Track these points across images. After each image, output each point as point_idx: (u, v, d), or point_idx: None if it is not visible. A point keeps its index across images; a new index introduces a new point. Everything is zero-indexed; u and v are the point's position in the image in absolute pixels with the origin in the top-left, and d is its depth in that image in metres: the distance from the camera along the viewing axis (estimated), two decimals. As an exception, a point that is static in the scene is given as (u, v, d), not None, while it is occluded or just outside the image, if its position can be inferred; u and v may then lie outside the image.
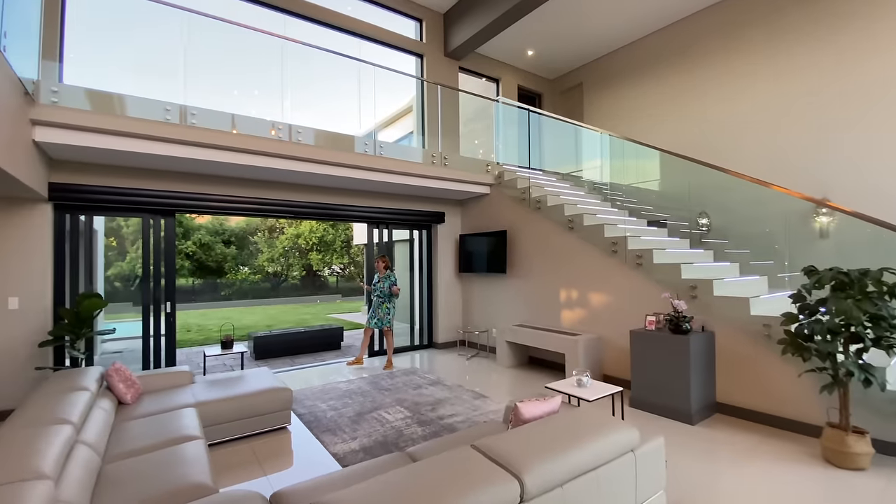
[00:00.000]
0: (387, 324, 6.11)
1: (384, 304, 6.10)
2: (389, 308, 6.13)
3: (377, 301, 6.13)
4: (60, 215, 4.58)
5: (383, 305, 6.10)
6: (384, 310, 6.10)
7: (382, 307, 6.10)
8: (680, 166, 5.86)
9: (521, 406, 2.40)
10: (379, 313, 6.11)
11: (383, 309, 6.10)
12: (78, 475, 2.13)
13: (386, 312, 6.10)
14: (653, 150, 6.16)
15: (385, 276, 6.17)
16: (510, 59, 8.83)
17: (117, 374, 3.56)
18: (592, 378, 4.93)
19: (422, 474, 1.76)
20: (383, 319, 6.10)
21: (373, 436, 3.70)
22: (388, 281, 6.14)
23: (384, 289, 6.12)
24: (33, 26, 3.65)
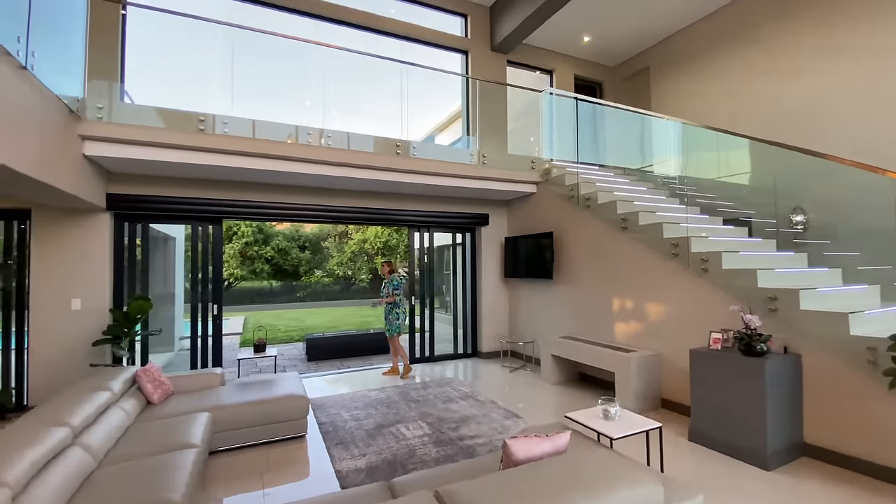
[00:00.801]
0: (396, 330, 5.88)
1: (393, 309, 5.89)
2: (398, 314, 5.89)
3: (387, 307, 5.94)
4: (119, 223, 4.97)
5: (392, 311, 5.89)
6: (394, 315, 5.88)
7: (392, 313, 5.89)
8: (769, 154, 4.92)
9: (514, 444, 1.98)
10: (389, 319, 5.90)
11: (392, 314, 5.89)
12: (54, 482, 2.13)
13: (395, 318, 5.88)
14: (736, 138, 5.24)
15: (388, 282, 5.96)
16: (564, 47, 8.19)
17: (146, 374, 3.71)
18: (649, 403, 4.27)
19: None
20: (392, 325, 5.88)
21: (383, 454, 3.45)
22: (391, 286, 5.92)
23: (390, 293, 5.92)
24: (78, 48, 3.97)
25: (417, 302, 6.72)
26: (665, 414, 4.28)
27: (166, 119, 4.54)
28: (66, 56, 3.70)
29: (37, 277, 4.48)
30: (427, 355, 6.72)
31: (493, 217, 7.02)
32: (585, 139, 6.88)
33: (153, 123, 4.45)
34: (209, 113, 4.58)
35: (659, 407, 4.45)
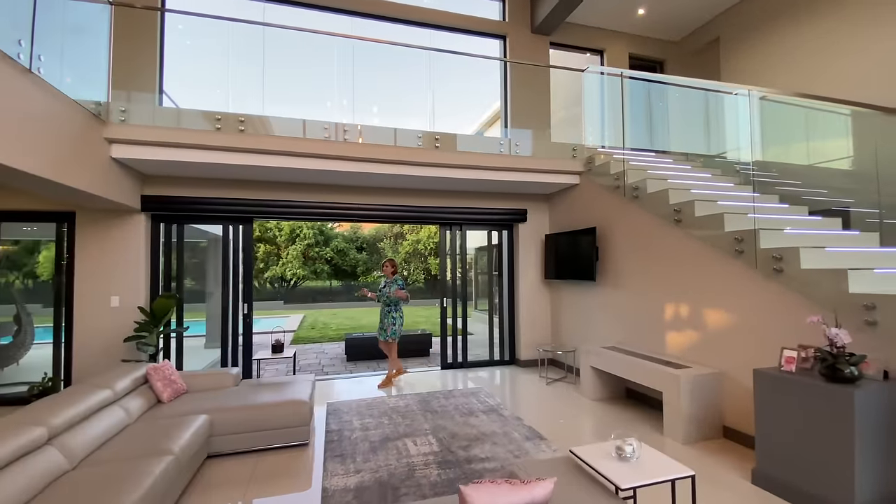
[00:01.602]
0: (392, 335, 5.51)
1: (391, 313, 5.53)
2: (395, 318, 5.54)
3: (384, 310, 5.58)
4: (155, 224, 5.17)
5: (390, 315, 5.53)
6: (390, 319, 5.52)
7: (389, 316, 5.53)
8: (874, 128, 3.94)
9: (473, 493, 1.55)
10: (385, 323, 5.54)
11: (389, 318, 5.52)
12: (19, 480, 2.07)
13: (392, 322, 5.52)
14: (829, 114, 4.29)
15: (392, 281, 5.60)
16: (615, 23, 7.38)
17: (156, 372, 3.72)
18: (705, 432, 3.56)
19: None
20: (388, 330, 5.51)
21: (379, 472, 3.12)
22: (395, 285, 5.55)
23: (391, 294, 5.53)
24: (102, 55, 4.12)
25: (449, 303, 6.35)
26: (728, 446, 3.51)
27: (197, 120, 4.61)
28: (88, 63, 3.85)
29: (80, 275, 4.76)
30: (459, 361, 6.32)
31: (532, 212, 6.45)
32: (639, 123, 6.09)
33: (189, 125, 4.51)
34: (244, 113, 4.58)
35: (720, 436, 3.68)
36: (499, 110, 10.36)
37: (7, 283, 5.56)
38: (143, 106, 4.55)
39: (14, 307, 5.42)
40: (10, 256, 5.58)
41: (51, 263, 4.94)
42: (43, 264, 5.66)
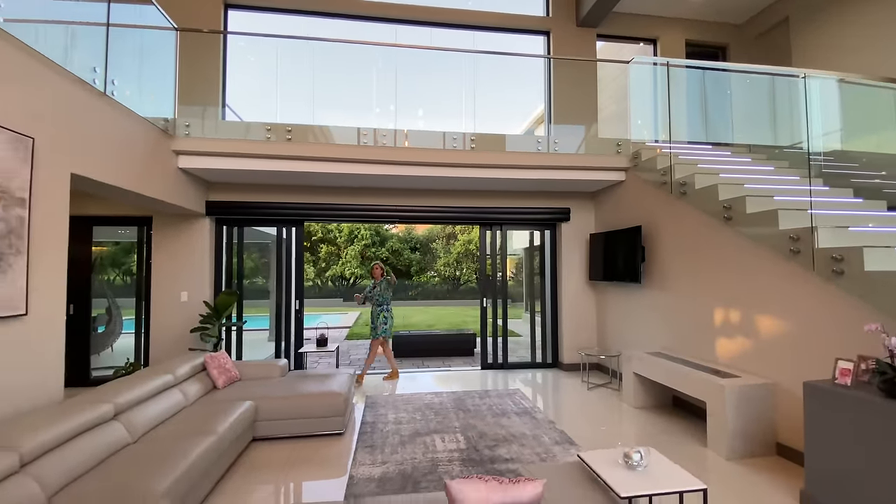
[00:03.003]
0: (383, 333, 5.80)
1: (382, 312, 5.82)
2: (387, 317, 5.84)
3: (376, 310, 5.84)
4: (218, 227, 5.70)
5: (381, 314, 5.81)
6: (382, 318, 5.81)
7: (381, 316, 5.81)
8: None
9: (459, 487, 1.59)
10: (377, 322, 5.82)
11: (381, 318, 5.81)
12: (82, 451, 2.41)
13: (384, 321, 5.81)
14: None
15: (381, 281, 5.93)
16: (669, 9, 6.95)
17: (212, 361, 4.12)
18: (754, 447, 3.31)
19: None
20: (380, 329, 5.80)
21: (404, 464, 3.23)
22: (384, 283, 5.92)
23: (383, 293, 5.85)
24: (169, 76, 4.62)
25: (490, 304, 6.35)
26: (780, 465, 3.21)
27: (253, 131, 5.03)
28: (158, 83, 4.35)
29: (156, 273, 5.37)
30: (500, 362, 6.30)
31: (575, 211, 6.27)
32: (694, 114, 5.71)
33: (249, 136, 4.95)
34: (297, 123, 4.94)
35: (773, 454, 3.37)
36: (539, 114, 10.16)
37: (101, 280, 6.41)
38: (206, 120, 5.04)
39: (106, 301, 6.23)
40: (102, 257, 6.42)
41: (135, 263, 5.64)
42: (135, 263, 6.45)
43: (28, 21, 2.81)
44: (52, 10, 3.20)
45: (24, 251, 2.70)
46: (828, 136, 5.00)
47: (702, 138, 5.67)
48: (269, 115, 6.19)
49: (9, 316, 2.60)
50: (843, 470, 2.39)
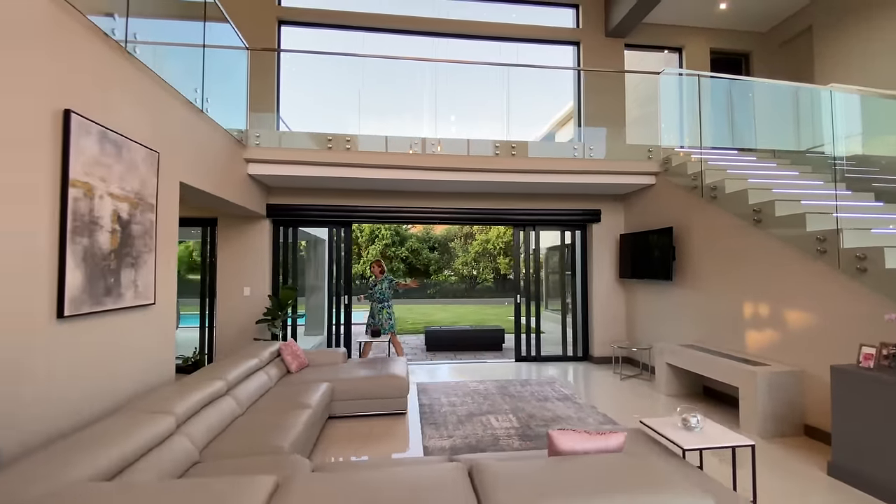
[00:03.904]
0: (389, 329, 5.92)
1: (384, 309, 5.94)
2: (390, 313, 5.98)
3: (377, 307, 5.97)
4: (276, 227, 6.18)
5: (383, 311, 5.94)
6: (385, 315, 5.93)
7: (383, 313, 5.93)
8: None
9: (559, 435, 2.00)
10: (380, 319, 5.92)
11: (384, 314, 5.93)
12: (211, 418, 2.87)
13: (387, 318, 5.93)
14: None
15: (382, 279, 6.04)
16: (694, 18, 7.27)
17: (286, 348, 4.59)
18: (783, 428, 3.66)
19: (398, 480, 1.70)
20: (386, 325, 5.90)
21: (468, 438, 3.65)
22: (387, 282, 6.02)
23: (384, 291, 5.97)
24: (241, 90, 5.10)
25: (523, 301, 6.75)
26: (807, 443, 3.56)
27: (310, 140, 5.50)
28: (233, 97, 4.82)
29: (221, 270, 5.87)
30: (533, 355, 6.70)
31: (606, 213, 6.63)
32: (720, 120, 6.05)
33: (299, 145, 5.44)
34: (342, 133, 5.39)
35: (801, 434, 3.72)
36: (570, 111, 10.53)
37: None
38: (266, 130, 5.51)
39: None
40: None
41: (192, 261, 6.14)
42: (193, 261, 6.97)
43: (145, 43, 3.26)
44: (162, 34, 3.66)
45: (153, 249, 3.18)
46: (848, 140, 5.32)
47: (728, 144, 6.00)
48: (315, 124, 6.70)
49: (144, 304, 3.07)
50: (865, 439, 2.75)
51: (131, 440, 2.11)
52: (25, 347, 2.11)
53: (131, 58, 2.91)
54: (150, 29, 3.34)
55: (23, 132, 2.10)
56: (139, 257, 3.00)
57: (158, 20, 3.54)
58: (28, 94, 2.12)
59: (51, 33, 2.25)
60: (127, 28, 2.86)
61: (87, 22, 2.52)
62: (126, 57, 2.87)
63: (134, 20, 2.95)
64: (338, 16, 6.75)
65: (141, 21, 3.08)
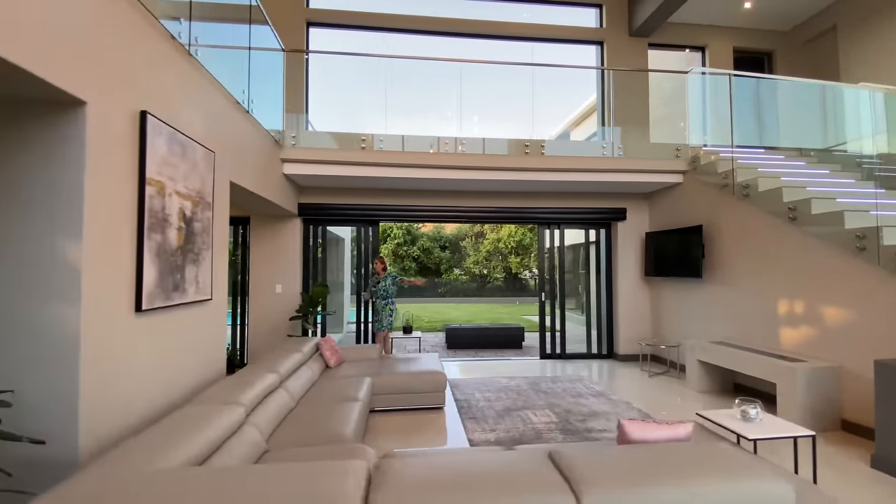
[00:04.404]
0: (387, 326, 5.89)
1: (388, 306, 5.89)
2: (392, 310, 5.93)
3: (380, 304, 5.90)
4: (306, 226, 6.28)
5: (387, 307, 5.88)
6: (388, 311, 5.89)
7: (385, 309, 5.88)
8: None
9: (630, 424, 2.06)
10: (383, 315, 5.89)
11: (387, 311, 5.88)
12: (271, 409, 2.97)
13: (389, 315, 5.89)
14: None
15: (385, 276, 5.95)
16: (718, 18, 7.29)
17: (326, 344, 4.68)
18: (822, 423, 3.70)
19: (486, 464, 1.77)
20: (385, 321, 5.87)
21: (511, 432, 3.72)
22: (390, 279, 5.96)
23: (388, 288, 5.89)
24: (278, 92, 5.20)
25: (548, 300, 6.80)
26: (846, 438, 3.61)
27: (335, 140, 5.60)
28: (271, 99, 4.91)
29: (253, 267, 5.97)
30: (558, 352, 6.75)
31: (631, 211, 6.68)
32: (747, 119, 6.08)
33: (327, 145, 5.55)
34: (369, 133, 5.50)
35: (838, 428, 3.76)
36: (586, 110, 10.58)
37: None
38: (301, 131, 5.61)
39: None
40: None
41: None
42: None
43: (205, 46, 3.36)
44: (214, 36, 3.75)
45: (210, 247, 3.27)
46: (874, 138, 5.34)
47: (755, 142, 6.03)
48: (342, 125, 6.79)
49: (203, 300, 3.17)
50: (916, 434, 2.79)
51: (212, 429, 2.19)
52: (111, 340, 2.20)
53: (192, 60, 3.01)
54: (204, 32, 3.43)
55: (112, 132, 2.20)
56: (199, 254, 3.09)
57: (211, 23, 3.63)
58: (115, 95, 2.21)
59: (130, 35, 2.34)
60: (190, 31, 2.95)
61: (160, 25, 2.61)
62: (188, 59, 2.96)
63: (193, 23, 3.04)
64: (364, 17, 6.83)
65: (197, 24, 3.17)
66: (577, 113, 11.17)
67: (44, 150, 2.01)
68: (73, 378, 1.99)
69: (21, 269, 1.97)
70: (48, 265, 1.97)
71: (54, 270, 1.98)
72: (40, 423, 1.94)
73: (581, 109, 10.88)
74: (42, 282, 1.97)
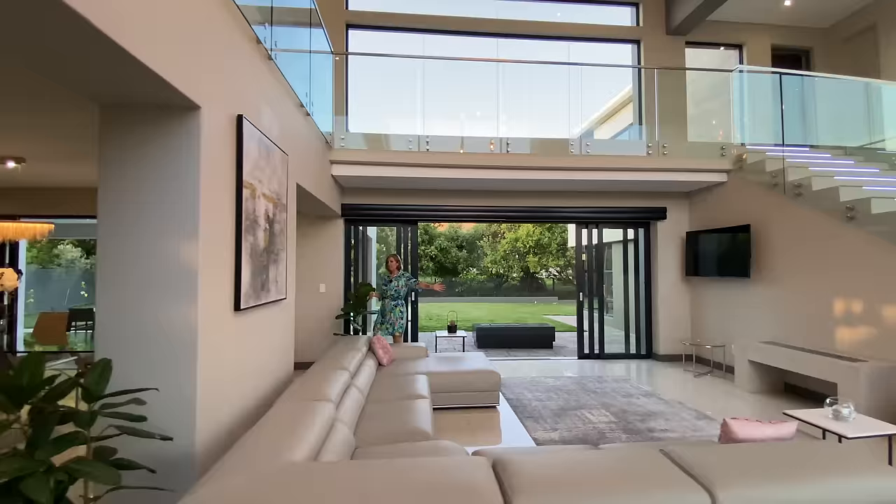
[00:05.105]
0: (399, 329, 5.52)
1: (398, 307, 5.54)
2: (403, 312, 5.58)
3: (390, 305, 5.53)
4: (348, 226, 6.35)
5: (396, 309, 5.52)
6: (398, 313, 5.52)
7: (395, 311, 5.52)
8: None
9: (735, 423, 2.08)
10: (392, 318, 5.51)
11: (396, 313, 5.51)
12: (350, 406, 3.02)
13: (399, 317, 5.52)
14: None
15: (399, 276, 5.56)
16: (757, 16, 7.23)
17: (378, 342, 4.74)
18: (891, 421, 3.64)
19: (601, 461, 1.79)
20: (395, 324, 5.51)
21: (573, 431, 3.75)
22: (404, 279, 5.58)
23: (399, 288, 5.53)
24: (328, 94, 5.27)
25: (586, 300, 6.80)
26: (915, 439, 3.57)
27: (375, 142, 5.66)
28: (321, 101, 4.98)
29: (298, 267, 6.04)
30: (596, 352, 6.75)
31: (671, 210, 6.65)
32: (789, 117, 6.02)
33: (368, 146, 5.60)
34: (416, 134, 5.55)
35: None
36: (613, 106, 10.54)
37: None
38: (345, 132, 5.68)
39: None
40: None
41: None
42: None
43: (283, 50, 3.42)
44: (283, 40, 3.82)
45: (286, 247, 3.34)
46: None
47: (799, 140, 5.97)
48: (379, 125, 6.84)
49: (280, 300, 3.23)
50: None
51: (317, 425, 2.25)
52: (217, 339, 2.27)
53: (272, 63, 3.07)
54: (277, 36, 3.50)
55: (218, 136, 2.26)
56: (278, 254, 3.16)
57: (280, 27, 3.70)
58: (219, 99, 2.27)
59: (229, 39, 2.40)
60: (272, 35, 3.02)
61: (250, 30, 2.67)
62: (268, 63, 3.03)
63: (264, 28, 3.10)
64: (402, 18, 6.89)
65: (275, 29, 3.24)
66: (604, 111, 11.13)
67: (160, 153, 2.06)
68: (191, 376, 2.05)
69: (144, 270, 2.03)
70: (171, 266, 2.04)
71: (176, 271, 2.04)
72: (164, 420, 2.00)
73: (608, 107, 10.85)
74: (165, 282, 2.03)
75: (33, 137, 3.56)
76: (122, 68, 1.63)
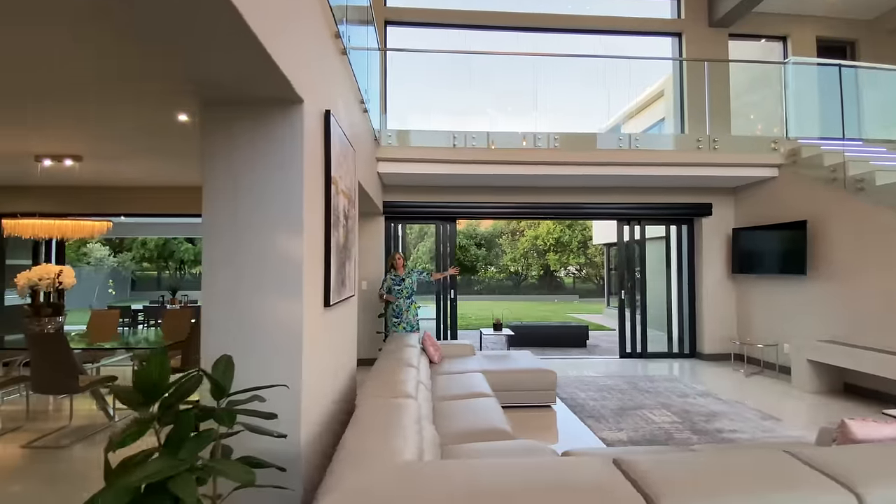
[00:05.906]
0: (418, 327, 5.34)
1: (413, 304, 5.35)
2: (418, 310, 5.40)
3: (405, 304, 5.31)
4: (388, 224, 6.35)
5: (412, 308, 5.34)
6: (414, 311, 5.33)
7: (412, 309, 5.33)
8: None
9: (853, 423, 2.00)
10: (408, 316, 5.31)
11: (413, 310, 5.33)
12: (423, 403, 3.00)
13: (414, 315, 5.34)
14: None
15: (408, 273, 5.45)
16: (801, 7, 7.05)
17: (429, 339, 4.72)
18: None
19: (730, 463, 1.74)
20: (414, 321, 5.31)
21: (639, 431, 3.68)
22: (415, 274, 5.47)
23: (412, 285, 5.37)
24: (375, 91, 5.26)
25: (627, 297, 6.71)
26: None
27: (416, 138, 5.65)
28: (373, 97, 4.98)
29: (341, 265, 6.06)
30: (639, 351, 6.66)
31: (716, 207, 6.52)
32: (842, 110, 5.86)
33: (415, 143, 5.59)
34: (459, 130, 5.51)
35: None
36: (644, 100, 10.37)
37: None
38: (387, 130, 5.67)
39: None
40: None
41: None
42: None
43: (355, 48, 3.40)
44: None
45: (356, 244, 3.33)
46: None
47: (853, 134, 5.80)
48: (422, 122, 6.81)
49: (350, 297, 3.22)
50: None
51: (410, 423, 2.22)
52: (314, 335, 2.25)
53: (345, 59, 3.06)
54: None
55: (313, 130, 2.24)
56: (350, 250, 3.15)
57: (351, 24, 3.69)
58: (314, 93, 2.25)
59: (318, 33, 2.36)
60: (346, 31, 3.00)
61: (334, 25, 2.66)
62: (342, 59, 3.01)
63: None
64: (439, 14, 6.84)
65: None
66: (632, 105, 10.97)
67: (266, 147, 2.05)
68: (297, 372, 2.04)
69: (253, 264, 2.02)
70: (281, 261, 2.02)
71: (283, 265, 2.02)
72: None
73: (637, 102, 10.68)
74: (274, 277, 2.02)
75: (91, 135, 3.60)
76: (255, 63, 1.62)
